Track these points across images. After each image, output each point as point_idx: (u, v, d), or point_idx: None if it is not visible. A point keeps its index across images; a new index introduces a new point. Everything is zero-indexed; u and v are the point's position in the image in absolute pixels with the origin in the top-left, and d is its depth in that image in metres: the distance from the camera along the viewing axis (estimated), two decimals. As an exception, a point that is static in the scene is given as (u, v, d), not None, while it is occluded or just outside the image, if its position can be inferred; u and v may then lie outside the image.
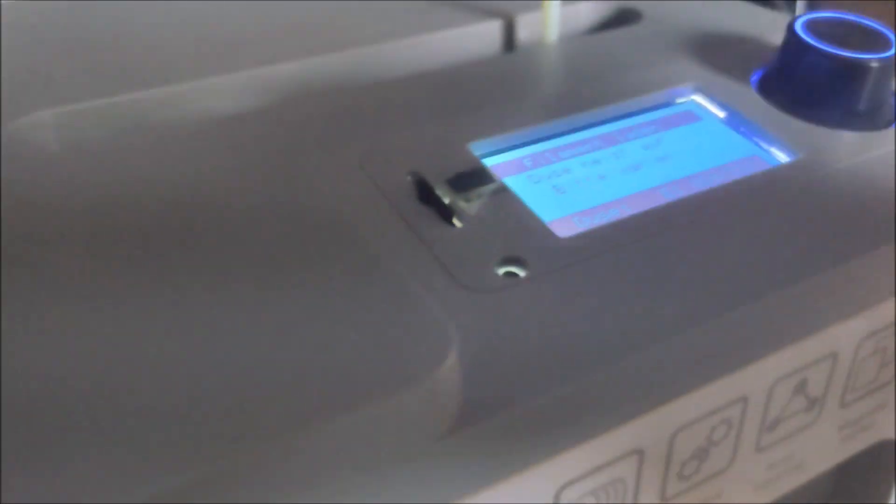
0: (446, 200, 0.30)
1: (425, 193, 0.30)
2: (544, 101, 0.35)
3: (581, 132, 0.35)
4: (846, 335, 0.30)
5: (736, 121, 0.36)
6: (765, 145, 0.34)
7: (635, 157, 0.34)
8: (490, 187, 0.30)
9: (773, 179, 0.32)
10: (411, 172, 0.31)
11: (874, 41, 0.35)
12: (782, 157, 0.34)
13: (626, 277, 0.27)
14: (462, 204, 0.30)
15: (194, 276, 0.26)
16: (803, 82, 0.35)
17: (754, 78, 0.38)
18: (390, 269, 0.26)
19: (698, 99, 0.37)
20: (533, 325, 0.26)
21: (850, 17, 0.37)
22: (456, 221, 0.29)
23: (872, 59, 0.34)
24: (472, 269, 0.27)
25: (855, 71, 0.34)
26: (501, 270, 0.27)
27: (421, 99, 0.36)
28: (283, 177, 0.31)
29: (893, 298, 0.31)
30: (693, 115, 0.36)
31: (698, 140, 0.35)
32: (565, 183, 0.32)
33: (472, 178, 0.31)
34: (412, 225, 0.29)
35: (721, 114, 0.36)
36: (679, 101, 0.37)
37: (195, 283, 0.25)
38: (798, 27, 0.36)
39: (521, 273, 0.27)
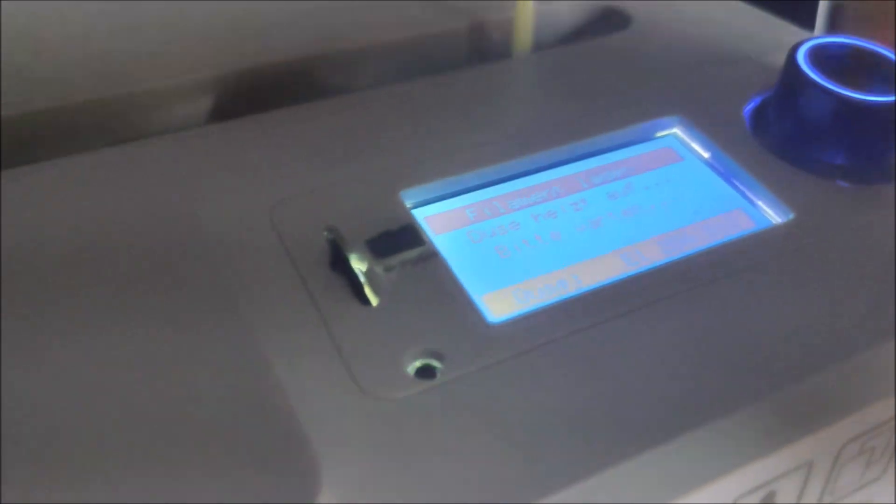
0: (363, 268, 0.25)
1: (338, 260, 0.25)
2: (497, 134, 0.31)
3: (537, 175, 0.30)
4: (826, 442, 0.26)
5: (721, 165, 0.31)
6: (752, 197, 0.30)
7: (598, 209, 0.29)
8: (416, 252, 0.26)
9: (756, 246, 0.27)
10: (329, 228, 0.26)
11: (891, 76, 0.30)
12: (771, 214, 0.29)
13: (565, 380, 0.23)
14: (380, 273, 0.25)
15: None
16: (801, 123, 0.30)
17: (748, 108, 0.32)
18: (260, 369, 0.22)
19: (680, 133, 0.32)
20: (444, 444, 0.21)
21: (865, 44, 0.31)
22: (370, 295, 0.25)
23: (885, 101, 0.29)
24: (376, 364, 0.23)
25: (862, 115, 0.29)
26: (414, 366, 0.23)
27: (355, 126, 0.31)
28: (176, 222, 0.27)
29: (888, 398, 0.26)
30: (672, 155, 0.31)
31: (674, 187, 0.30)
32: (511, 242, 0.28)
33: (397, 239, 0.26)
34: (316, 300, 0.24)
35: (705, 153, 0.31)
36: (659, 134, 0.32)
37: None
38: (800, 55, 0.30)
39: (439, 370, 0.23)
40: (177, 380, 0.22)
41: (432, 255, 0.26)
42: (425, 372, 0.23)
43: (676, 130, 0.32)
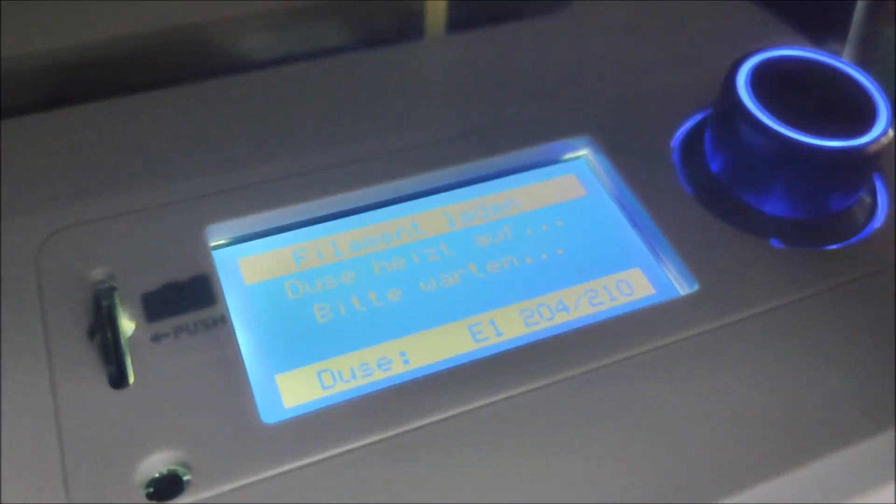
0: (128, 334, 0.20)
1: (97, 322, 0.21)
2: (350, 151, 0.25)
3: (394, 207, 0.24)
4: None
5: (630, 206, 0.25)
6: (659, 253, 0.24)
7: (458, 260, 0.23)
8: (200, 315, 0.21)
9: (644, 326, 0.22)
10: (106, 277, 0.21)
11: (857, 107, 0.24)
12: (676, 279, 0.23)
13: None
14: (146, 344, 0.20)
15: None
16: (733, 164, 0.24)
17: (679, 136, 0.26)
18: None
19: (591, 158, 0.26)
20: None
21: (836, 63, 0.24)
22: (127, 374, 0.20)
23: (832, 146, 0.23)
24: (103, 473, 0.18)
25: (805, 160, 0.23)
26: (149, 479, 0.18)
27: (168, 131, 0.25)
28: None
29: None
30: (575, 186, 0.25)
31: (565, 232, 0.24)
32: (336, 300, 0.22)
33: (181, 294, 0.21)
34: (54, 376, 0.20)
35: (614, 189, 0.25)
36: (567, 157, 0.26)
37: None
38: (741, 74, 0.24)
39: (186, 485, 0.18)
40: None
41: (220, 321, 0.21)
42: (168, 486, 0.18)
43: (587, 154, 0.26)
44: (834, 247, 0.24)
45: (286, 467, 0.19)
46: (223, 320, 0.21)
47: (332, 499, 0.18)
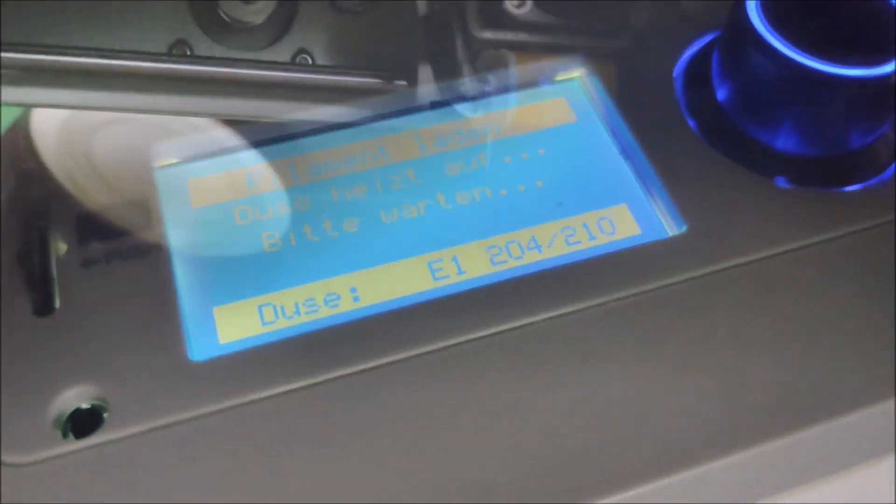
0: (59, 256, 0.19)
1: (26, 245, 0.19)
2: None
3: (360, 128, 0.22)
4: None
5: (624, 136, 0.22)
6: (650, 190, 0.21)
7: (425, 189, 0.21)
8: (135, 240, 0.19)
9: (623, 271, 0.20)
10: (42, 195, 0.20)
11: (882, 32, 0.21)
12: (665, 219, 0.21)
13: (263, 463, 0.17)
14: (76, 268, 0.19)
15: None
16: (740, 95, 0.21)
17: (685, 58, 0.23)
18: None
19: (584, 80, 0.24)
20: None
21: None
22: (57, 298, 0.19)
23: (857, 75, 0.20)
24: (18, 408, 0.17)
25: (821, 92, 0.20)
26: (68, 414, 0.17)
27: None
28: None
29: None
30: (564, 111, 0.23)
31: (548, 161, 0.22)
32: (288, 227, 0.21)
33: (114, 219, 0.20)
34: (-17, 303, 0.19)
35: (606, 114, 0.23)
36: (560, 77, 0.24)
37: None
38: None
39: (104, 423, 0.17)
40: None
41: (156, 249, 0.19)
42: (86, 422, 0.17)
43: (581, 75, 0.24)
44: (850, 188, 0.21)
45: (209, 408, 0.17)
46: (159, 247, 0.19)
47: (259, 444, 0.17)
